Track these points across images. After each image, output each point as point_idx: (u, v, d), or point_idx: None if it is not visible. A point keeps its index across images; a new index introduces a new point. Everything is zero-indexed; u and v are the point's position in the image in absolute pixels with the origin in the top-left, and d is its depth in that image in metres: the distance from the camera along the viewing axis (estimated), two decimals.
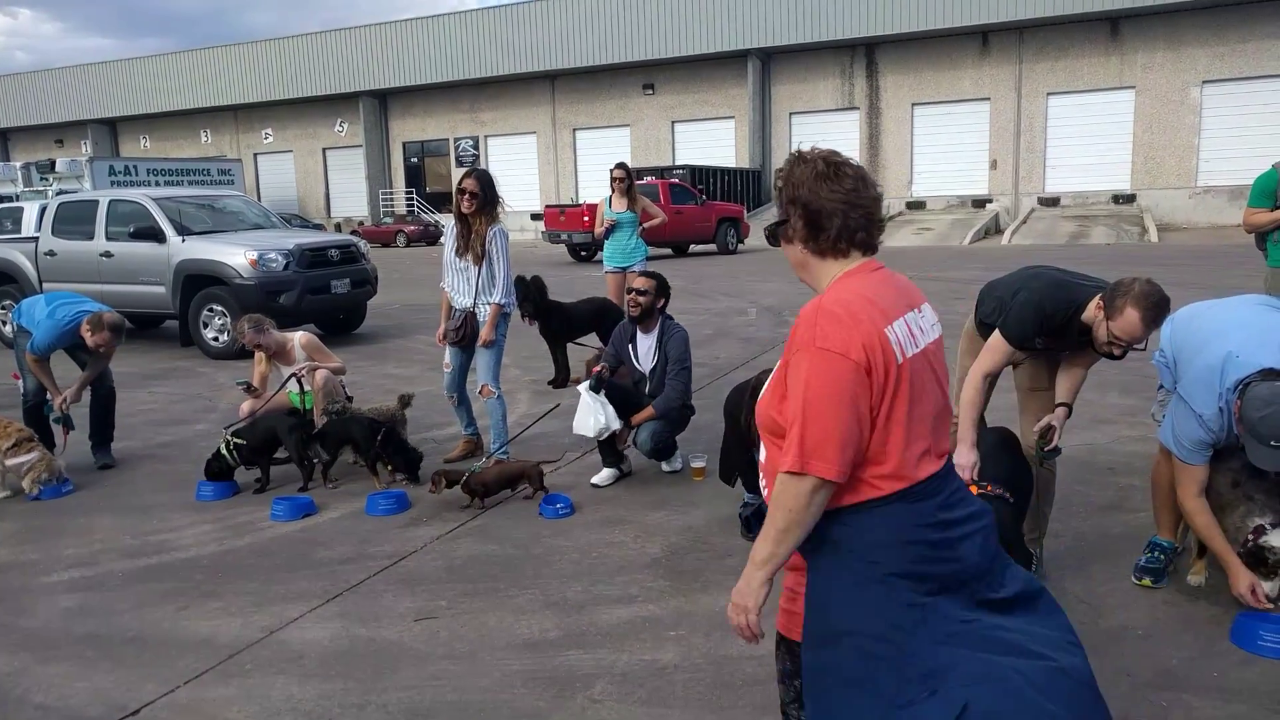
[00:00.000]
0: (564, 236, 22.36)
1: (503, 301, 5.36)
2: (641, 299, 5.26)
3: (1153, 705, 2.83)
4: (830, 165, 1.88)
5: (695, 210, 23.04)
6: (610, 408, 5.05)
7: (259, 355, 5.93)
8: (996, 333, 3.52)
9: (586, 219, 21.93)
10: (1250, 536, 3.30)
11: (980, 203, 29.85)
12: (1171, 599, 3.55)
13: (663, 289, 5.29)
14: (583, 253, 22.79)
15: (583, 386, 5.13)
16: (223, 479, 5.30)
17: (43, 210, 12.54)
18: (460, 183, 5.30)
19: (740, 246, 24.95)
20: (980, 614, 1.81)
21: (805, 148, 1.96)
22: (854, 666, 1.78)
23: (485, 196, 5.23)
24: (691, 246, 24.12)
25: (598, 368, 5.33)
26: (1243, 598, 3.24)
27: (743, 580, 1.90)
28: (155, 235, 10.31)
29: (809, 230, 1.91)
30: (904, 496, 1.80)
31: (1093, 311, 3.28)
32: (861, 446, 1.77)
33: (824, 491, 1.76)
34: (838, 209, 1.86)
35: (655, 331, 5.31)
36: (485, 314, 5.36)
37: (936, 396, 1.89)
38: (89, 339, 5.60)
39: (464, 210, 5.29)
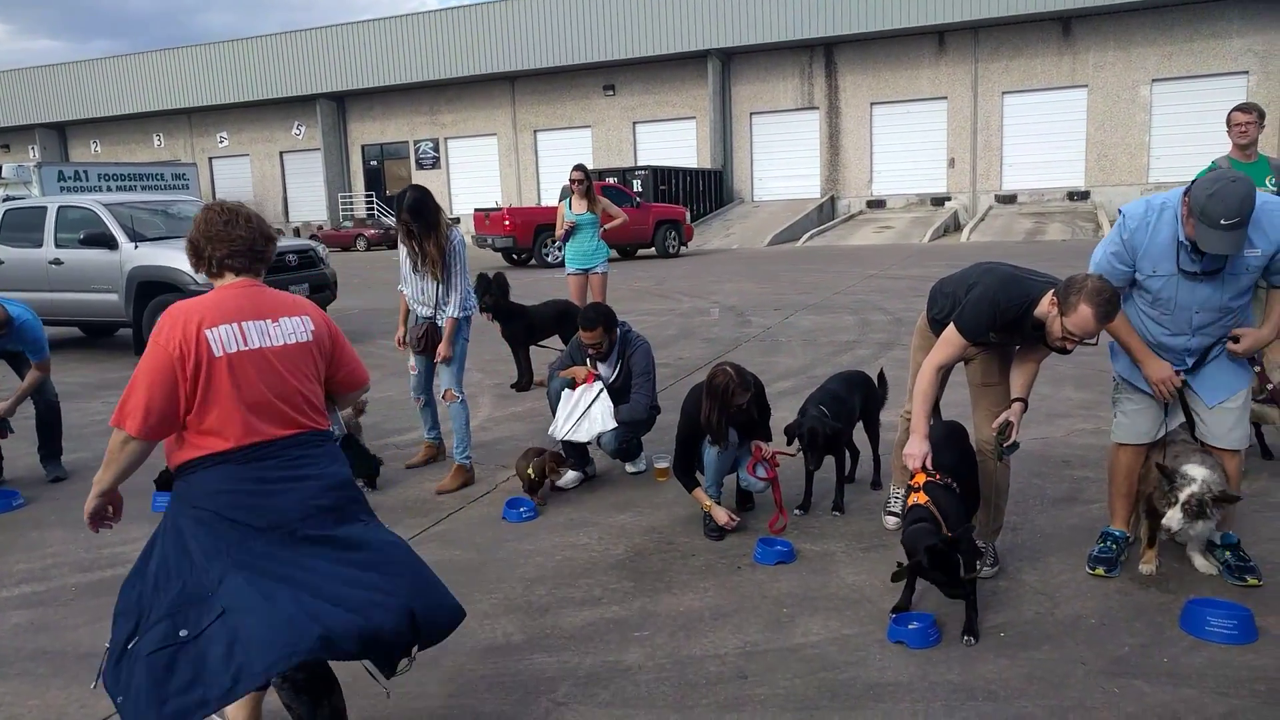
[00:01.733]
0: (488, 240, 22.12)
1: (458, 315, 5.26)
2: (596, 349, 5.15)
3: (1106, 692, 2.89)
4: (208, 211, 2.64)
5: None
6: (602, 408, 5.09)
7: None
8: (950, 326, 3.57)
9: (507, 223, 21.70)
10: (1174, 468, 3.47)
11: (939, 201, 30.24)
12: (1124, 588, 3.63)
13: (609, 327, 5.13)
14: (515, 256, 22.49)
15: (597, 388, 5.12)
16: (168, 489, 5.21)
17: None
18: (399, 216, 5.24)
19: (684, 250, 24.43)
20: (286, 545, 2.36)
21: (218, 200, 2.72)
22: (160, 571, 2.37)
23: (425, 221, 5.14)
24: (639, 251, 23.72)
25: (591, 372, 5.25)
26: (1159, 385, 3.54)
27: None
28: (107, 242, 10.11)
29: (193, 259, 2.65)
30: (226, 459, 2.39)
31: (1046, 307, 3.34)
32: (169, 415, 2.37)
33: (133, 444, 2.39)
34: (206, 244, 2.60)
35: (615, 348, 5.26)
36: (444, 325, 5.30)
37: (276, 385, 2.48)
38: None
39: (413, 234, 5.24)
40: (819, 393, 4.78)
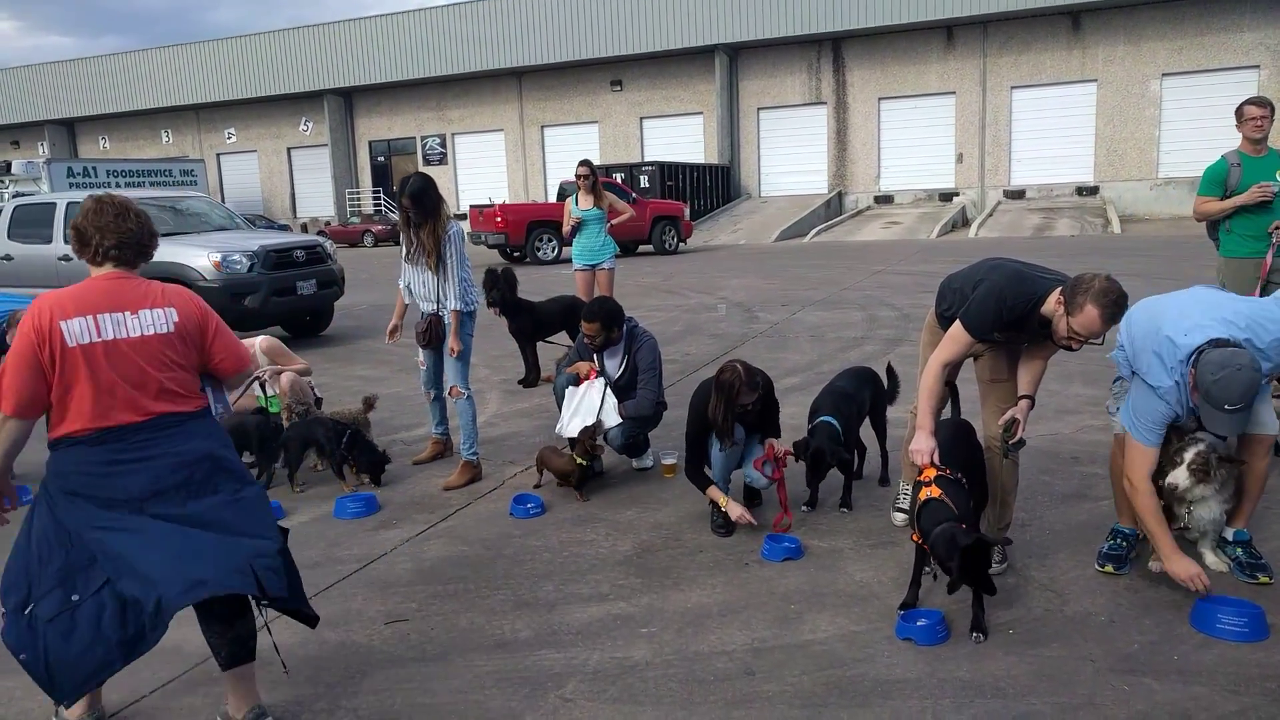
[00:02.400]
0: (482, 237, 21.91)
1: (460, 307, 5.24)
2: (592, 341, 5.18)
3: (1115, 690, 2.88)
4: (98, 202, 2.81)
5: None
6: (607, 402, 5.11)
7: None
8: (957, 323, 3.56)
9: (499, 220, 21.44)
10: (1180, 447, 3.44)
11: (947, 196, 30.13)
12: (1133, 585, 3.62)
13: (609, 323, 5.13)
14: (511, 253, 22.04)
15: (600, 383, 5.14)
16: None
17: None
18: (399, 200, 5.26)
19: (682, 246, 23.94)
20: (135, 518, 2.62)
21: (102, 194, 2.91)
22: (41, 544, 2.65)
23: (424, 207, 5.13)
24: (639, 248, 23.33)
25: (594, 368, 5.27)
26: (1187, 583, 3.28)
27: None
28: None
29: (77, 245, 2.81)
30: (79, 442, 2.64)
31: (1052, 305, 3.33)
32: (39, 394, 2.62)
33: (10, 423, 2.65)
34: (95, 232, 2.76)
35: (621, 344, 5.27)
36: (448, 319, 5.31)
37: (130, 374, 2.68)
38: (8, 338, 5.50)
39: (411, 222, 5.25)
40: (828, 392, 4.75)
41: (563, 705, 2.94)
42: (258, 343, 5.90)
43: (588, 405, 5.12)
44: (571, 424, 5.11)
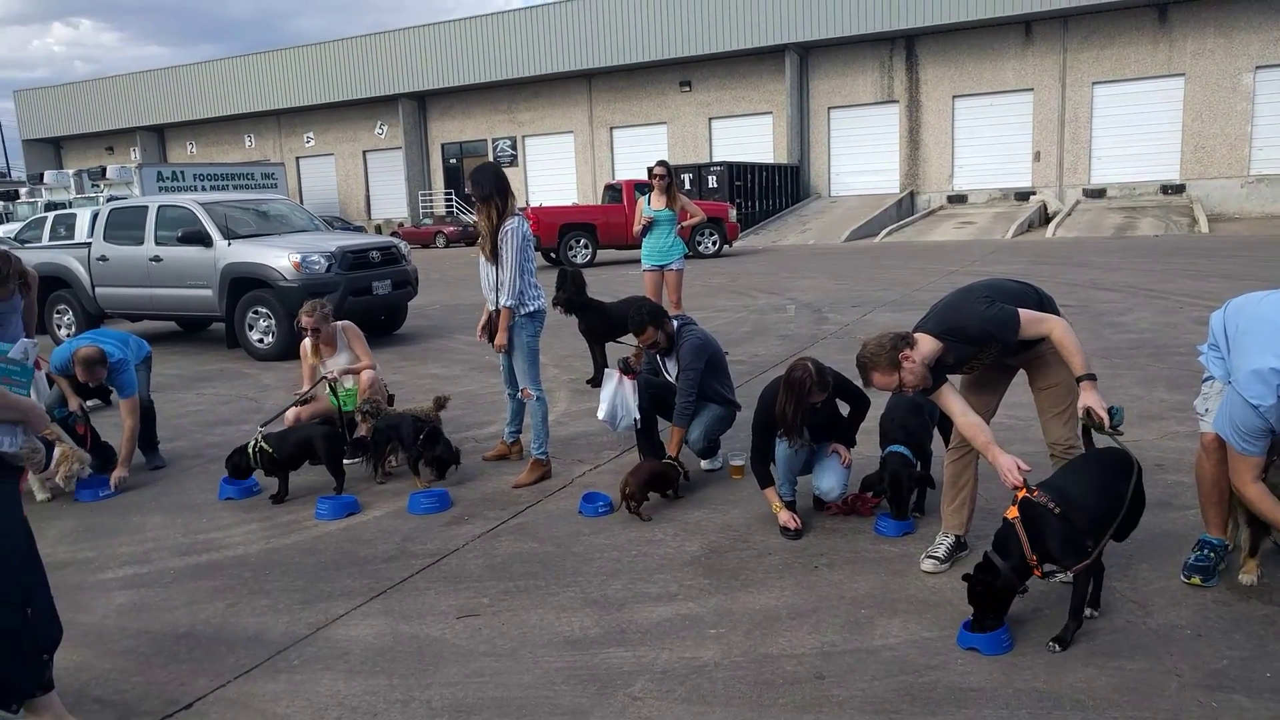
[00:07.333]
0: None
1: (510, 304, 5.17)
2: (655, 347, 5.28)
3: (1203, 706, 2.77)
4: None
5: None
6: (629, 400, 5.17)
7: (309, 346, 6.05)
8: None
9: (532, 222, 21.36)
10: None
11: (1023, 195, 29.35)
12: (1222, 598, 3.48)
13: (656, 323, 5.18)
14: (551, 254, 21.63)
15: (608, 371, 5.30)
16: (239, 476, 5.40)
17: (95, 216, 12.86)
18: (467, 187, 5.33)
19: (727, 249, 23.23)
20: None
21: None
22: None
23: (483, 191, 5.08)
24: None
25: (635, 357, 5.37)
26: None
27: None
28: (202, 239, 10.52)
29: None
30: None
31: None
32: None
33: None
34: None
35: (675, 341, 5.30)
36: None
37: None
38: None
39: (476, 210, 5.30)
40: (894, 408, 4.63)
41: (631, 703, 2.96)
42: (340, 326, 6.18)
43: (621, 399, 5.24)
44: (602, 411, 5.28)
